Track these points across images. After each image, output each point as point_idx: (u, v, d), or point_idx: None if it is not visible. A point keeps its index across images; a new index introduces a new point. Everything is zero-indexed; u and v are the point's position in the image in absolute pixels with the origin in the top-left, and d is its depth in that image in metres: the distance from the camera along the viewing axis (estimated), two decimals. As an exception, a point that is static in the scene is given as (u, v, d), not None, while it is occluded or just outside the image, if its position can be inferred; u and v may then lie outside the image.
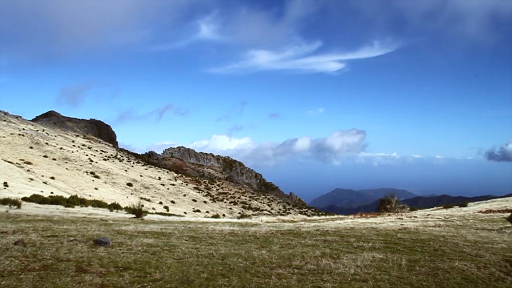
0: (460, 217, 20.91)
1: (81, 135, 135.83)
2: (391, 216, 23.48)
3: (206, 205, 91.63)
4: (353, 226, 16.27)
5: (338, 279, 7.02)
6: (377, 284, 6.77)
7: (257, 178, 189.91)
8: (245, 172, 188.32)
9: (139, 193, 78.36)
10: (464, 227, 15.41)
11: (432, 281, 7.02)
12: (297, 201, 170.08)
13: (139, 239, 10.72)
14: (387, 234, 13.08)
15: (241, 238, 11.90)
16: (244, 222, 20.02)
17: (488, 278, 7.35)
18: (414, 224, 16.48)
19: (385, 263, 8.32)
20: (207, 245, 10.26)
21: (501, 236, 12.70)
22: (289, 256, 8.92)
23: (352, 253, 9.47)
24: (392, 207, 27.71)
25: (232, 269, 7.47)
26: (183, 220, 21.85)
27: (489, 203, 32.58)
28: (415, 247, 10.43)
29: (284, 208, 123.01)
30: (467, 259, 8.93)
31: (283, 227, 16.08)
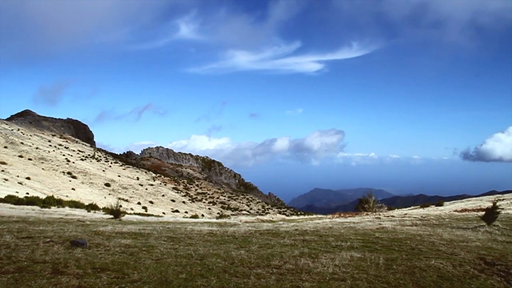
0: (436, 216, 21.22)
1: (58, 135, 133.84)
2: (369, 215, 23.68)
3: (185, 205, 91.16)
4: (332, 225, 16.37)
5: (317, 278, 7.07)
6: (355, 283, 6.83)
7: (236, 178, 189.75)
8: (224, 172, 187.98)
9: (117, 194, 77.59)
10: (440, 226, 15.63)
11: (409, 280, 7.12)
12: (276, 201, 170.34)
13: (117, 239, 10.62)
14: (365, 233, 13.20)
15: (220, 238, 11.88)
16: (223, 222, 20.00)
17: (463, 275, 7.49)
18: (392, 224, 16.65)
19: (363, 262, 8.40)
20: (185, 246, 10.22)
21: (476, 235, 12.95)
22: (268, 256, 8.94)
23: (331, 252, 9.54)
24: (370, 206, 27.95)
25: (211, 270, 7.46)
26: (162, 221, 21.71)
27: (464, 203, 33.14)
28: (392, 246, 10.54)
29: (263, 208, 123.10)
30: (443, 257, 9.07)
31: (262, 227, 16.10)
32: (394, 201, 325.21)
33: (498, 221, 15.59)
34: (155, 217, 28.52)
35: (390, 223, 16.86)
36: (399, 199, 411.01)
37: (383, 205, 30.89)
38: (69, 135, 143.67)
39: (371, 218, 20.93)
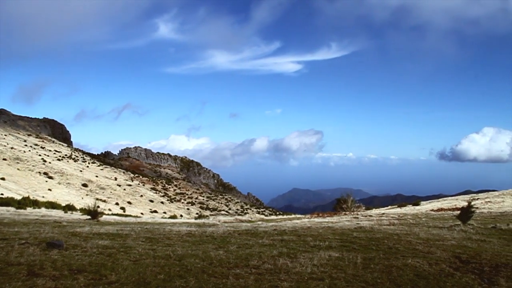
0: (413, 215, 21.50)
1: (34, 135, 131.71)
2: (347, 215, 23.85)
3: (163, 206, 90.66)
4: (310, 225, 16.44)
5: (295, 278, 7.08)
6: (333, 283, 6.86)
7: (215, 178, 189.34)
8: (202, 173, 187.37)
9: (95, 194, 76.78)
10: (417, 225, 15.83)
11: (386, 278, 7.19)
12: (255, 201, 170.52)
13: (94, 241, 10.49)
14: (343, 233, 13.28)
15: (199, 239, 11.84)
16: (202, 223, 19.93)
17: (439, 274, 7.59)
18: (369, 223, 16.79)
19: (341, 261, 8.45)
20: (164, 246, 10.15)
21: (451, 234, 13.15)
22: (247, 256, 8.93)
23: (309, 252, 9.57)
24: (348, 206, 28.14)
25: (189, 270, 7.42)
26: (140, 221, 21.54)
27: (440, 202, 33.66)
28: (370, 245, 10.63)
29: (242, 208, 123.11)
30: (419, 256, 9.18)
31: (240, 227, 16.09)
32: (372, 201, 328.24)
33: (473, 220, 15.86)
34: (133, 218, 28.29)
35: (368, 223, 17.01)
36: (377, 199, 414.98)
37: (361, 205, 31.14)
38: (45, 135, 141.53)
39: (349, 218, 21.09)
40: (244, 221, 22.24)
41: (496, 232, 13.89)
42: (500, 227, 14.57)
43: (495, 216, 19.04)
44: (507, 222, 15.72)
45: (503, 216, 19.08)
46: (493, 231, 14.13)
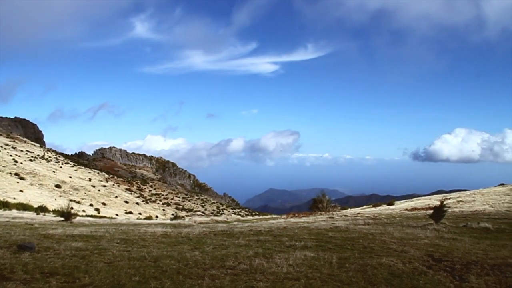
0: (388, 215, 21.76)
1: (4, 135, 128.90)
2: (323, 215, 24.00)
3: (138, 207, 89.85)
4: (286, 225, 16.50)
5: (271, 278, 7.10)
6: (309, 282, 6.90)
7: (191, 178, 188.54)
8: (178, 173, 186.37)
9: (69, 195, 75.58)
10: (391, 225, 16.02)
11: (361, 277, 7.26)
12: (231, 202, 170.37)
13: (67, 243, 10.33)
14: (318, 233, 13.36)
15: (174, 240, 11.77)
16: (177, 223, 19.83)
17: (412, 272, 7.71)
18: (345, 223, 16.92)
19: (317, 261, 8.50)
20: (139, 248, 10.06)
21: (425, 232, 13.36)
22: (222, 256, 8.92)
23: (285, 252, 9.60)
24: (324, 206, 28.31)
25: (165, 271, 7.38)
26: (115, 222, 21.32)
27: (414, 202, 34.12)
28: (345, 245, 10.72)
29: (218, 209, 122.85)
30: (393, 255, 9.29)
31: (216, 227, 16.05)
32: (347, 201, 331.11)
33: (445, 219, 16.13)
34: (108, 219, 27.99)
35: (343, 223, 17.14)
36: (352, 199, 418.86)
37: (337, 205, 31.36)
38: (17, 135, 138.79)
39: (325, 218, 21.22)
40: (220, 222, 22.19)
41: (467, 230, 14.17)
42: (471, 226, 14.85)
43: (466, 215, 19.41)
44: (477, 221, 16.04)
45: (474, 215, 19.46)
46: (465, 229, 14.41)
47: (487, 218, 17.61)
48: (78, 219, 22.56)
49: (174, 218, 28.29)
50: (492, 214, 19.33)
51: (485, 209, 21.66)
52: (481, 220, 16.18)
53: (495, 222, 16.00)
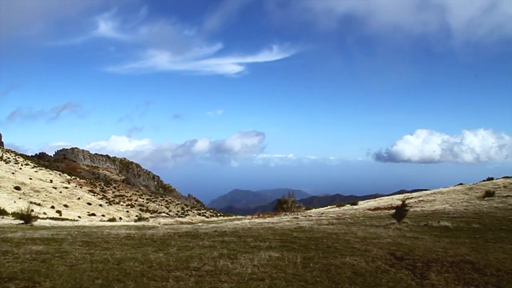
0: (352, 215, 22.04)
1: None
2: (287, 215, 24.11)
3: (101, 209, 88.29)
4: (251, 226, 16.51)
5: (236, 279, 7.10)
6: (274, 282, 6.93)
7: (155, 180, 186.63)
8: (142, 174, 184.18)
9: (29, 197, 73.61)
10: (355, 224, 16.23)
11: (325, 277, 7.34)
12: (196, 203, 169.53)
13: (27, 246, 10.06)
14: (283, 233, 13.42)
15: (138, 242, 11.63)
16: (141, 225, 19.58)
17: (375, 271, 7.84)
18: (309, 223, 17.05)
19: (281, 261, 8.54)
20: (102, 250, 9.89)
21: (387, 232, 13.61)
22: (187, 258, 8.86)
23: (250, 253, 9.61)
24: (288, 206, 28.45)
25: (128, 274, 7.28)
26: (77, 225, 20.88)
27: (377, 201, 34.71)
28: (309, 245, 10.80)
29: (183, 210, 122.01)
30: (357, 254, 9.43)
31: (181, 229, 15.93)
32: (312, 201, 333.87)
33: (407, 218, 16.45)
34: (70, 221, 27.38)
35: (307, 223, 17.26)
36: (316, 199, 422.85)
37: (301, 205, 31.55)
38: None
39: (290, 218, 21.33)
40: (185, 223, 22.03)
41: (428, 229, 14.50)
42: (431, 225, 15.20)
43: (427, 214, 19.84)
44: (438, 219, 16.42)
45: (434, 214, 19.92)
46: (425, 228, 14.74)
47: (447, 217, 18.05)
48: (39, 222, 21.97)
49: (138, 220, 27.95)
50: (452, 213, 19.82)
51: (445, 208, 22.20)
52: (441, 219, 16.58)
53: (454, 220, 16.42)
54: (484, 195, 25.96)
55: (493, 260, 9.06)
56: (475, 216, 17.94)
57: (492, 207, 20.94)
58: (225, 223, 20.76)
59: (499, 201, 23.12)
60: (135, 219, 31.05)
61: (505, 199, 23.75)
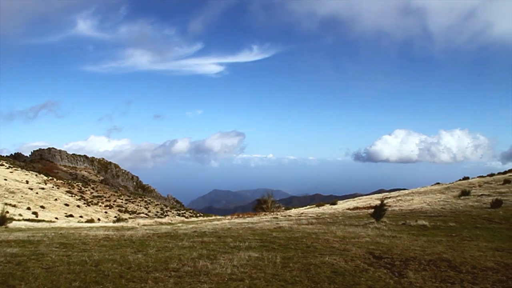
0: (331, 214, 22.19)
1: None
2: (267, 215, 24.17)
3: (79, 210, 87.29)
4: (230, 226, 16.51)
5: (215, 279, 7.08)
6: (253, 283, 6.93)
7: (134, 180, 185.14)
8: (121, 175, 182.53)
9: (3, 199, 72.40)
10: (334, 224, 16.35)
11: (304, 276, 7.36)
12: (175, 203, 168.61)
13: (1, 249, 9.89)
14: (263, 233, 13.44)
15: (117, 243, 11.52)
16: (120, 226, 19.41)
17: (354, 270, 7.90)
18: (289, 223, 17.12)
19: (261, 261, 8.55)
20: (79, 252, 9.77)
21: (366, 231, 13.74)
22: (166, 259, 8.81)
23: (229, 253, 9.60)
24: (268, 206, 28.53)
25: (107, 275, 7.20)
26: (54, 226, 20.61)
27: (356, 201, 35.02)
28: (289, 244, 10.83)
29: (162, 211, 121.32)
30: (336, 253, 9.49)
31: (160, 229, 15.84)
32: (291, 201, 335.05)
33: (385, 218, 16.65)
34: (46, 223, 27.01)
35: (287, 223, 17.32)
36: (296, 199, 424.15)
37: (281, 205, 31.70)
38: None
39: (269, 218, 21.39)
40: (164, 224, 21.91)
41: (406, 228, 14.68)
42: (409, 224, 15.40)
43: (405, 213, 20.08)
44: (415, 218, 16.64)
45: (412, 213, 20.17)
46: (403, 227, 14.93)
47: (424, 215, 18.31)
48: (14, 224, 21.62)
49: (116, 221, 27.71)
50: (429, 212, 20.11)
51: (422, 207, 22.50)
52: (419, 218, 16.80)
53: (432, 219, 16.66)
54: (460, 194, 26.41)
55: (469, 257, 9.24)
56: (452, 215, 18.24)
57: (468, 206, 21.31)
58: (205, 223, 20.71)
59: (474, 200, 23.55)
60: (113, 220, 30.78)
61: (480, 198, 24.20)
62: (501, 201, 20.16)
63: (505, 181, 31.36)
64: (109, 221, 41.88)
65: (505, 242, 11.62)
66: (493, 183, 32.10)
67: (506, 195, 23.94)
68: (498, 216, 17.07)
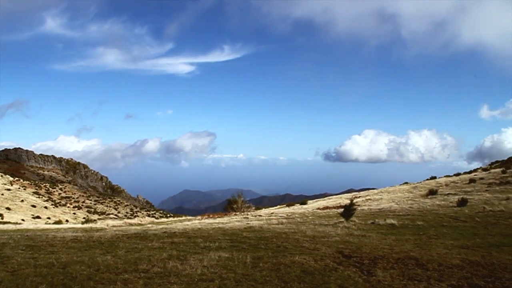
0: (301, 214, 22.33)
1: None
2: (237, 215, 24.17)
3: (47, 211, 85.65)
4: (201, 226, 16.45)
5: (185, 280, 7.05)
6: (223, 283, 6.92)
7: (103, 180, 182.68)
8: (90, 175, 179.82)
9: (-33, 200, 70.64)
10: (304, 224, 16.46)
11: (274, 276, 7.39)
12: (145, 204, 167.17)
13: (-35, 251, 9.64)
14: (233, 233, 13.43)
15: (85, 244, 11.34)
16: (89, 227, 19.11)
17: (324, 269, 7.97)
18: (259, 223, 17.15)
19: (231, 261, 8.54)
20: (46, 254, 9.58)
21: (335, 230, 13.88)
22: (135, 260, 8.72)
23: (199, 253, 9.57)
24: (238, 206, 28.52)
25: (75, 278, 7.09)
26: (20, 228, 20.15)
27: (326, 201, 35.35)
28: (259, 244, 10.86)
29: (132, 211, 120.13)
30: (306, 253, 9.56)
31: (129, 230, 15.67)
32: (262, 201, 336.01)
33: (355, 217, 16.85)
34: (12, 225, 26.40)
35: (257, 222, 17.36)
36: (267, 199, 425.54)
37: (251, 205, 31.71)
38: None
39: (240, 218, 21.39)
40: (134, 225, 21.69)
41: (375, 227, 14.89)
42: (378, 223, 15.62)
43: (374, 213, 20.37)
44: (384, 217, 16.90)
45: (381, 212, 20.48)
46: (372, 226, 15.14)
47: (393, 215, 18.62)
48: (-21, 226, 21.09)
49: (85, 222, 27.30)
50: (397, 211, 20.45)
51: (391, 206, 22.86)
52: (388, 217, 17.08)
53: (400, 218, 16.94)
54: (427, 194, 26.95)
55: (435, 255, 9.44)
56: (419, 213, 18.59)
57: (435, 204, 21.77)
58: (175, 224, 20.59)
59: (441, 199, 24.08)
60: (82, 221, 30.31)
61: (446, 197, 24.76)
62: (466, 200, 20.67)
63: (471, 180, 32.17)
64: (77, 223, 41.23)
65: (470, 240, 11.91)
66: (459, 183, 32.87)
67: (471, 194, 24.56)
68: (464, 214, 17.49)
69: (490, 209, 18.24)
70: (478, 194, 24.53)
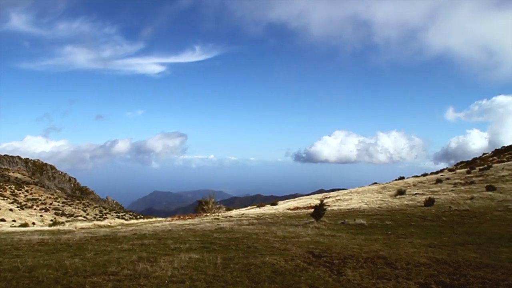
0: (272, 215, 22.41)
1: None
2: (208, 216, 24.11)
3: (12, 213, 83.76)
4: (171, 228, 16.34)
5: (155, 282, 6.99)
6: (194, 284, 6.89)
7: (71, 182, 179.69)
8: (57, 176, 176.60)
9: None
10: (274, 224, 16.52)
11: (245, 277, 7.40)
12: (115, 205, 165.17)
13: None
14: (203, 234, 13.39)
15: (52, 247, 11.12)
16: (56, 230, 18.75)
17: (294, 269, 8.02)
18: (230, 224, 17.15)
19: (202, 263, 8.51)
20: (11, 258, 9.36)
21: (306, 230, 13.98)
22: (105, 262, 8.60)
23: (170, 255, 9.50)
24: (209, 207, 28.45)
25: (41, 282, 6.95)
26: (-16, 231, 19.65)
27: (296, 201, 35.54)
28: (230, 245, 10.85)
29: (101, 213, 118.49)
30: (276, 253, 9.60)
31: (98, 233, 15.44)
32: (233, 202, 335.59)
33: (325, 217, 17.00)
34: (-25, 228, 25.72)
35: (228, 223, 17.35)
36: (237, 200, 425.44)
37: (222, 206, 31.69)
38: None
39: (210, 219, 21.34)
40: (103, 227, 21.39)
41: (344, 227, 15.07)
42: (348, 223, 15.81)
43: (344, 213, 20.60)
44: (354, 217, 17.11)
45: (350, 212, 20.72)
46: (342, 226, 15.32)
47: (362, 215, 18.87)
48: None
49: (52, 224, 26.78)
50: (367, 211, 20.73)
51: (360, 207, 23.16)
52: (357, 217, 17.29)
53: (369, 218, 17.19)
54: (396, 194, 27.40)
55: (404, 254, 9.62)
56: (388, 213, 18.89)
57: (403, 204, 22.15)
58: (145, 225, 20.39)
59: (409, 198, 24.52)
60: (49, 224, 29.71)
61: (414, 196, 25.21)
62: (433, 200, 21.12)
63: (437, 180, 32.85)
64: (44, 225, 40.40)
65: (437, 238, 12.19)
66: (426, 183, 33.50)
67: (438, 194, 25.07)
68: (431, 214, 17.87)
69: (455, 209, 18.68)
70: (444, 194, 25.06)
